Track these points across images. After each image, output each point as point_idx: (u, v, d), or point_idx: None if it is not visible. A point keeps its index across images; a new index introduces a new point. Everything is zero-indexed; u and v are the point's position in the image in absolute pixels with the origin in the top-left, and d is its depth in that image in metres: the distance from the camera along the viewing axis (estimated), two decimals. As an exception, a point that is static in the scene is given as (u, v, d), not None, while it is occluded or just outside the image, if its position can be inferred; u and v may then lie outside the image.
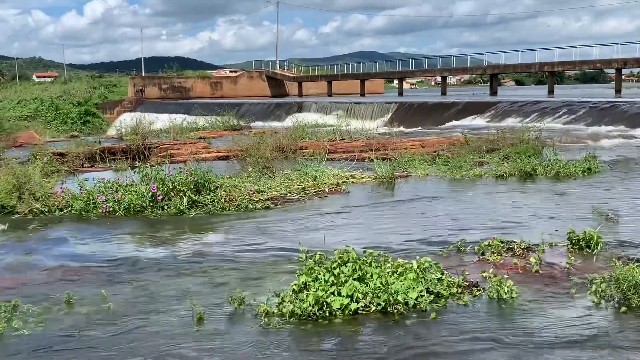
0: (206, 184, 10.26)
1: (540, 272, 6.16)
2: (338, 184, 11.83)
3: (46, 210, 9.86)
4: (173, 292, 5.87)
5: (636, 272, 5.30)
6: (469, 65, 52.33)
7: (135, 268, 6.76)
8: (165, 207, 9.67)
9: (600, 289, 5.38)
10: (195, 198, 9.87)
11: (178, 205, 9.61)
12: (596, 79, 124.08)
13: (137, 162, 15.77)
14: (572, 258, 6.44)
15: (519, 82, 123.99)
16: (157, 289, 5.99)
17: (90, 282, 6.29)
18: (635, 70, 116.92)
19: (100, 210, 9.72)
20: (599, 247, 6.76)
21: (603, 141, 18.92)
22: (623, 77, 42.83)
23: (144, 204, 9.72)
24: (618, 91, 37.58)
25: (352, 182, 12.34)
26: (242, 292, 5.48)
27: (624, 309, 5.08)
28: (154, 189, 9.74)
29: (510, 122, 24.01)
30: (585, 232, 6.90)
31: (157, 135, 22.92)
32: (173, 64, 74.92)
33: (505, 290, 5.44)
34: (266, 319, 5.03)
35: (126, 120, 33.81)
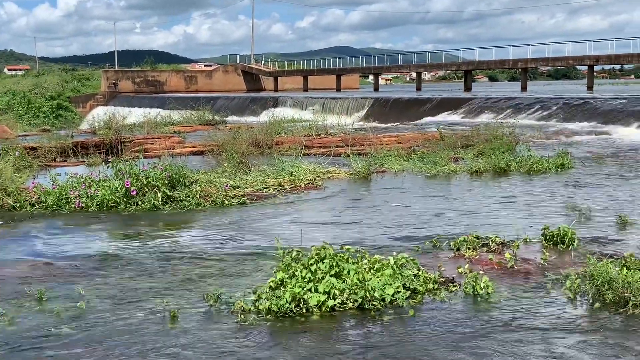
0: (181, 179, 10.17)
1: (516, 267, 6.21)
2: (314, 179, 11.81)
3: (18, 205, 9.69)
4: (147, 290, 5.79)
5: (610, 268, 5.35)
6: (443, 61, 52.64)
7: (108, 265, 6.67)
8: (140, 203, 9.57)
9: (574, 285, 5.43)
10: (170, 193, 9.77)
11: (152, 201, 9.51)
12: (568, 75, 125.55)
13: (110, 157, 15.60)
14: (547, 254, 6.49)
15: (492, 79, 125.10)
16: (130, 286, 5.91)
17: (62, 279, 6.18)
18: (607, 67, 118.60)
19: (73, 206, 9.57)
20: (573, 243, 6.83)
21: (576, 137, 19.14)
22: (595, 73, 43.34)
23: (118, 200, 9.60)
24: (590, 88, 38.04)
25: (329, 177, 12.33)
26: (218, 289, 5.43)
27: (598, 304, 5.14)
28: (127, 184, 9.62)
29: (485, 118, 24.17)
30: (559, 228, 6.96)
31: (131, 130, 22.71)
32: (147, 58, 74.20)
33: (481, 286, 5.46)
34: (242, 316, 4.99)
35: (99, 114, 33.36)
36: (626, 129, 20.05)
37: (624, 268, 5.61)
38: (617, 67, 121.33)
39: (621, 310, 5.01)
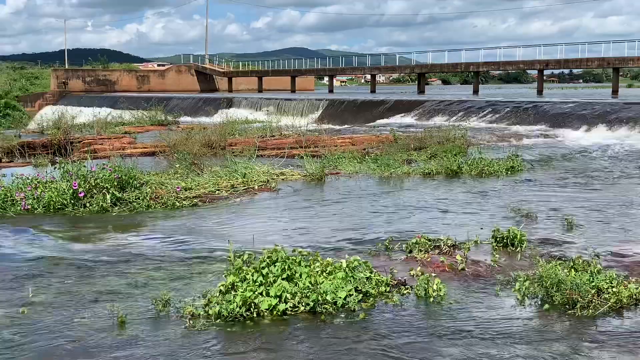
0: (131, 181, 9.98)
1: (466, 269, 6.25)
2: (268, 181, 11.72)
3: (-41, 207, 9.35)
4: (94, 295, 5.64)
5: (558, 270, 5.43)
6: (397, 64, 53.07)
7: (54, 268, 6.47)
8: (88, 205, 9.34)
9: (524, 287, 5.49)
10: (119, 195, 9.57)
11: (101, 203, 9.29)
12: (519, 79, 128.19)
13: (58, 158, 15.21)
14: (497, 256, 6.57)
15: (445, 82, 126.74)
16: (77, 291, 5.74)
17: (5, 283, 5.97)
18: (557, 72, 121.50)
19: (18, 208, 9.28)
20: (522, 245, 6.91)
21: (526, 140, 19.47)
22: (545, 77, 44.31)
23: (65, 202, 9.36)
24: (540, 91, 38.86)
25: (282, 179, 12.26)
26: (167, 293, 5.32)
27: (547, 306, 5.20)
28: (75, 186, 9.38)
29: (437, 120, 24.42)
30: (509, 230, 7.05)
31: (81, 130, 22.24)
32: (98, 57, 72.85)
33: (433, 289, 5.48)
34: (191, 321, 4.89)
35: (48, 113, 32.60)
36: (574, 132, 20.53)
37: (572, 270, 5.71)
38: (567, 71, 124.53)
39: (569, 311, 5.09)
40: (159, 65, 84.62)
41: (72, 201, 9.37)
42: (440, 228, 8.04)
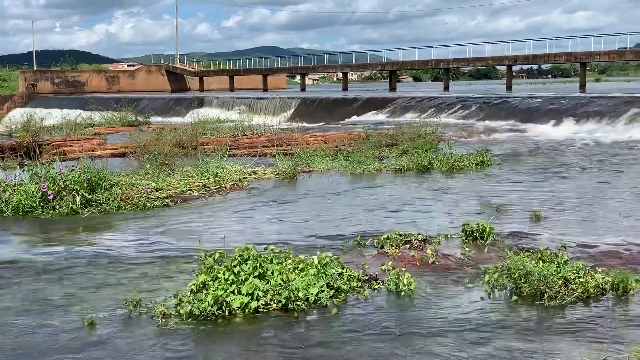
0: (101, 182, 9.89)
1: (437, 263, 6.32)
2: (240, 180, 11.70)
3: None
4: (64, 297, 5.59)
5: (526, 262, 5.52)
6: (369, 61, 53.26)
7: (23, 271, 6.39)
8: (57, 207, 9.24)
9: (493, 279, 5.57)
10: (89, 197, 9.48)
11: (70, 205, 9.20)
12: (489, 75, 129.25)
13: (27, 160, 15.00)
14: (467, 249, 6.65)
15: (416, 79, 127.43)
16: (46, 294, 5.68)
17: (-28, 289, 5.89)
18: (526, 67, 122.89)
19: (-15, 212, 9.15)
20: (491, 238, 7.01)
21: (495, 135, 19.71)
22: (514, 73, 44.79)
23: (34, 204, 9.25)
24: (509, 87, 39.27)
25: (255, 178, 12.24)
26: (138, 294, 5.29)
27: (515, 297, 5.28)
28: (44, 188, 9.28)
29: (409, 117, 24.58)
30: (478, 223, 7.13)
31: (50, 132, 21.95)
32: (67, 58, 71.95)
33: (404, 283, 5.53)
34: (163, 321, 4.88)
35: (16, 116, 32.16)
36: (543, 127, 20.83)
37: (540, 261, 5.81)
38: (535, 67, 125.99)
39: (537, 302, 5.17)
40: (129, 65, 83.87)
41: (41, 204, 9.26)
42: (411, 223, 8.10)
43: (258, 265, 5.44)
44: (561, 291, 5.29)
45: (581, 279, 5.46)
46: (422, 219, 8.47)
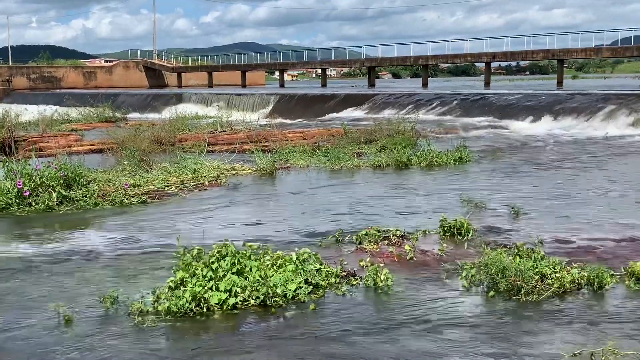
0: (77, 179, 9.79)
1: (415, 259, 6.35)
2: (218, 176, 11.65)
3: None
4: (40, 294, 5.52)
5: (503, 257, 5.56)
6: (347, 58, 53.40)
7: (-2, 270, 6.31)
8: (33, 204, 9.14)
9: (470, 274, 5.61)
10: (66, 193, 9.38)
11: (47, 202, 9.10)
12: (467, 71, 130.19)
13: (2, 157, 14.80)
14: (444, 245, 6.68)
15: (395, 75, 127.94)
16: (22, 291, 5.62)
17: (-54, 287, 5.80)
18: (504, 64, 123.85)
19: (-41, 209, 9.02)
20: (469, 234, 7.05)
21: (474, 131, 19.85)
22: (492, 70, 45.12)
23: (10, 201, 9.13)
24: (487, 84, 39.63)
25: (233, 174, 12.20)
26: (116, 290, 5.25)
27: (492, 293, 5.32)
28: (20, 185, 9.16)
29: (387, 113, 24.66)
30: (456, 219, 7.17)
31: (26, 128, 21.66)
32: (44, 53, 71.18)
33: (382, 279, 5.54)
34: (140, 318, 4.84)
35: (-9, 112, 31.63)
36: (520, 123, 21.04)
37: (517, 257, 5.86)
38: (514, 63, 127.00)
39: (514, 297, 5.22)
40: (106, 61, 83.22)
41: (17, 200, 9.15)
42: (389, 219, 8.13)
43: (236, 261, 5.42)
44: (538, 286, 5.33)
45: (557, 274, 5.51)
46: (400, 214, 8.50)
